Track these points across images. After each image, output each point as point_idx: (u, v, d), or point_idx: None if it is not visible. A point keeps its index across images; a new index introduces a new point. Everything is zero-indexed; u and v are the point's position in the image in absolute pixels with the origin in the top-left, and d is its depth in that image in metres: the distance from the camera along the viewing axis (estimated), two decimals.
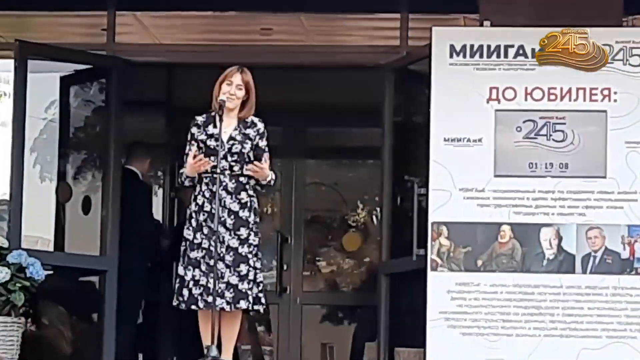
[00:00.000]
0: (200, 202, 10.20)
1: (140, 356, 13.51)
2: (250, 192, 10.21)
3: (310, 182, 15.30)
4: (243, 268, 10.11)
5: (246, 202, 10.18)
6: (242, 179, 10.19)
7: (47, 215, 12.43)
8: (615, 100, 10.93)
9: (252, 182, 10.28)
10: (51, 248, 12.14)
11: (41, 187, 12.38)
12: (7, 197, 12.50)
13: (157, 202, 15.22)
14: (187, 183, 10.33)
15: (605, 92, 10.95)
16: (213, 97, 10.13)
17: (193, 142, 10.22)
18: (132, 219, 12.68)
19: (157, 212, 14.97)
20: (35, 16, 13.15)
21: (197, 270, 10.11)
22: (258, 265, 10.30)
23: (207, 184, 10.16)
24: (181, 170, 10.35)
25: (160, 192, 15.62)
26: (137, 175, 13.49)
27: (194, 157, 10.07)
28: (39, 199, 12.33)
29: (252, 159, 10.17)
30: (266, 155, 10.20)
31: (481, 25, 11.35)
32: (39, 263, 10.97)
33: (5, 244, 11.16)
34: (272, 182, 10.42)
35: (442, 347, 10.66)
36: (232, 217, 10.10)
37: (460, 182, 10.91)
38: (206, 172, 10.16)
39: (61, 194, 12.53)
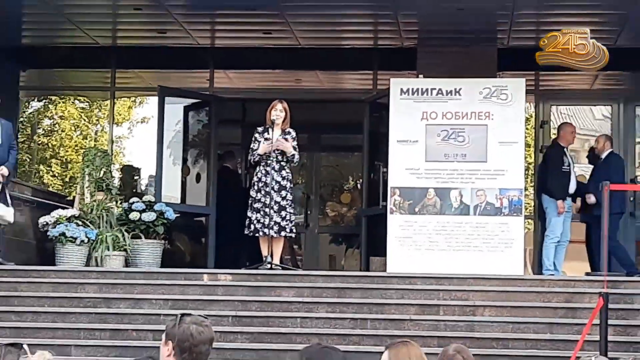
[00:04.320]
0: (259, 176, 10.37)
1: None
2: (287, 170, 10.41)
3: (323, 165, 15.08)
4: (283, 213, 10.30)
5: (285, 176, 10.37)
6: (282, 163, 10.36)
7: (176, 184, 12.41)
8: (492, 119, 10.62)
9: (287, 164, 10.42)
10: (178, 201, 12.13)
11: (173, 169, 12.37)
12: (153, 174, 12.60)
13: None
14: (256, 159, 10.39)
15: (487, 115, 10.64)
16: (266, 118, 10.29)
17: (257, 141, 10.36)
18: (232, 191, 12.77)
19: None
20: (169, 72, 13.25)
21: (258, 214, 10.28)
22: (291, 211, 10.46)
23: (263, 166, 10.31)
24: (253, 153, 10.41)
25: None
26: (230, 169, 13.42)
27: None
28: (172, 175, 12.32)
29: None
30: (295, 152, 10.32)
31: (417, 77, 11.23)
32: (171, 210, 11.06)
33: (153, 199, 11.26)
34: (296, 159, 10.43)
35: (396, 256, 10.54)
36: (277, 184, 10.27)
37: (406, 165, 10.72)
38: (263, 158, 10.28)
39: (184, 172, 12.55)
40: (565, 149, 11.27)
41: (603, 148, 11.50)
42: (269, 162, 10.28)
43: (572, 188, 11.13)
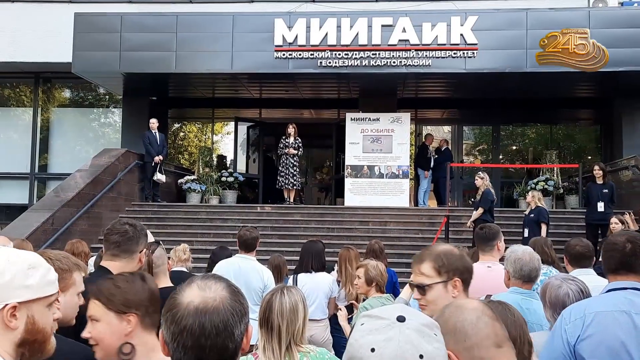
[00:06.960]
0: (283, 159, 10.16)
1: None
2: (296, 158, 10.18)
3: (314, 154, 14.62)
4: (295, 177, 10.12)
5: (296, 160, 10.16)
6: (294, 154, 10.15)
7: (243, 163, 12.06)
8: (394, 132, 10.34)
9: (296, 155, 10.17)
10: (245, 171, 11.69)
11: (242, 156, 12.02)
12: (232, 159, 12.16)
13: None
14: (283, 152, 10.15)
15: (392, 130, 10.37)
16: (286, 132, 10.05)
17: (282, 143, 10.13)
18: (271, 167, 12.27)
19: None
20: (240, 109, 12.66)
21: (283, 178, 10.10)
22: (299, 176, 10.28)
23: (284, 155, 10.12)
24: (280, 150, 10.14)
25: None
26: (270, 156, 13.00)
27: (288, 151, 9.96)
28: (241, 159, 12.01)
29: (296, 149, 10.09)
30: (301, 151, 10.12)
31: (359, 112, 10.83)
32: (241, 176, 10.87)
33: (232, 171, 11.05)
34: (301, 152, 10.20)
35: (349, 198, 10.31)
36: (292, 164, 10.07)
37: (353, 154, 10.24)
38: (285, 152, 10.06)
39: (247, 158, 12.14)
40: (428, 147, 11.14)
41: (442, 145, 11.44)
42: (288, 154, 10.14)
43: (431, 165, 11.01)
